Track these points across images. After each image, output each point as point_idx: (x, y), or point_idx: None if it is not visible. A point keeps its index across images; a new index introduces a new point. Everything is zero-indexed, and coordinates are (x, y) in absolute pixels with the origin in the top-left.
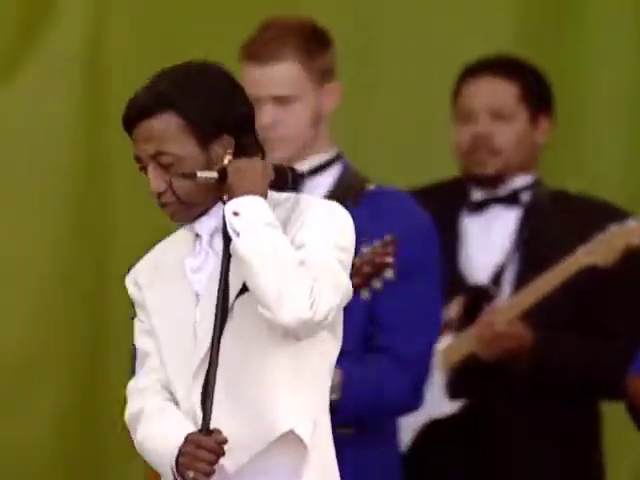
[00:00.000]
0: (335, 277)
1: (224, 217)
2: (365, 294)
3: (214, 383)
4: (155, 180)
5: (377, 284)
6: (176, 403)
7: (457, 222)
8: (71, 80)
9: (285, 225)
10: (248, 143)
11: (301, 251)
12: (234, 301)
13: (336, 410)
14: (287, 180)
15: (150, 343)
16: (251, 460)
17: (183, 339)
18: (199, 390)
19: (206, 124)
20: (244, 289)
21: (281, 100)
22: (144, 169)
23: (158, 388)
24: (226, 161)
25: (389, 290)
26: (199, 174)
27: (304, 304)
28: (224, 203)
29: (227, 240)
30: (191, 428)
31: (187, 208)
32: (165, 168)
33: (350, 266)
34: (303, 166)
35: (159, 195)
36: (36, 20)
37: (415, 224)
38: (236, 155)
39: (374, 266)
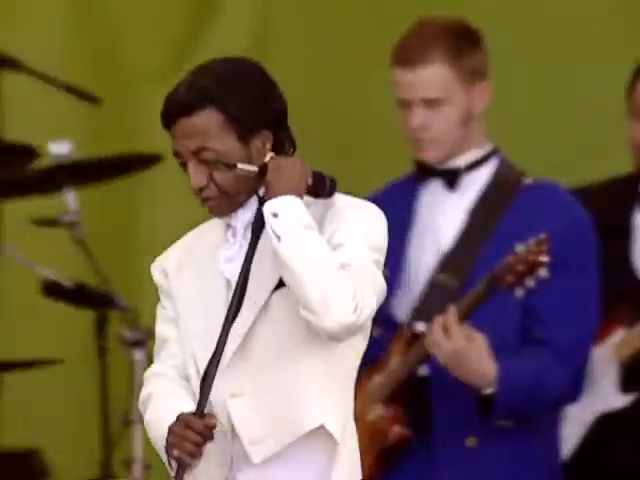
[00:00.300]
0: (373, 279)
1: (257, 211)
2: (519, 292)
3: (216, 369)
4: (197, 176)
5: (530, 282)
6: (192, 391)
7: (630, 218)
8: None
9: (320, 224)
10: (284, 138)
11: (338, 252)
12: (270, 295)
13: (492, 403)
14: (325, 188)
15: (171, 330)
16: (279, 452)
17: (213, 328)
18: (231, 382)
19: (246, 120)
20: (281, 284)
21: (431, 103)
22: (184, 165)
23: (172, 375)
24: (267, 157)
25: (545, 286)
26: (240, 166)
27: (349, 308)
28: (259, 197)
29: (255, 234)
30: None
31: (228, 201)
32: (206, 164)
33: (383, 265)
34: (459, 162)
35: (201, 190)
36: (204, 16)
37: (571, 220)
38: (273, 149)
39: (528, 265)
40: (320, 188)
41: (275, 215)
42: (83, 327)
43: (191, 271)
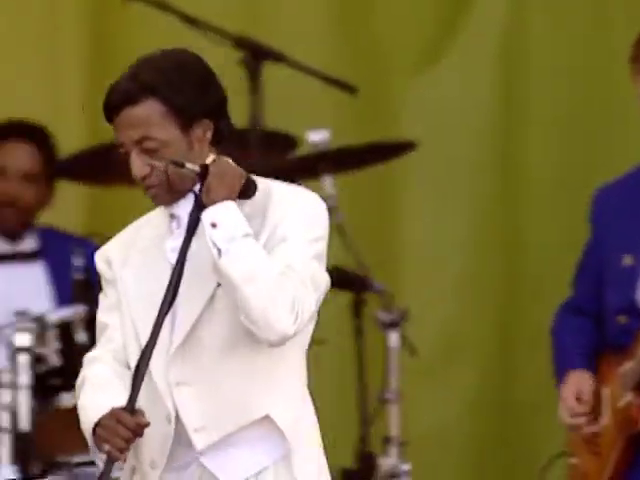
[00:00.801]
0: (315, 279)
1: (193, 208)
2: None
3: (147, 364)
4: (139, 165)
5: None
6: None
7: None
8: (490, 63)
9: (263, 215)
10: (224, 127)
11: (281, 251)
12: (216, 288)
13: None
14: (252, 189)
15: (111, 317)
16: (224, 440)
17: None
18: (177, 370)
19: (188, 109)
20: None
21: None
22: (127, 154)
23: (108, 359)
24: (209, 160)
25: None
26: (188, 165)
27: (288, 321)
28: (195, 195)
29: (189, 232)
30: (119, 403)
31: (170, 191)
32: (149, 152)
33: (325, 252)
34: None
35: (143, 178)
36: (457, 6)
37: None
38: (213, 138)
39: None
40: (248, 190)
41: (214, 225)
42: (340, 309)
43: (137, 261)
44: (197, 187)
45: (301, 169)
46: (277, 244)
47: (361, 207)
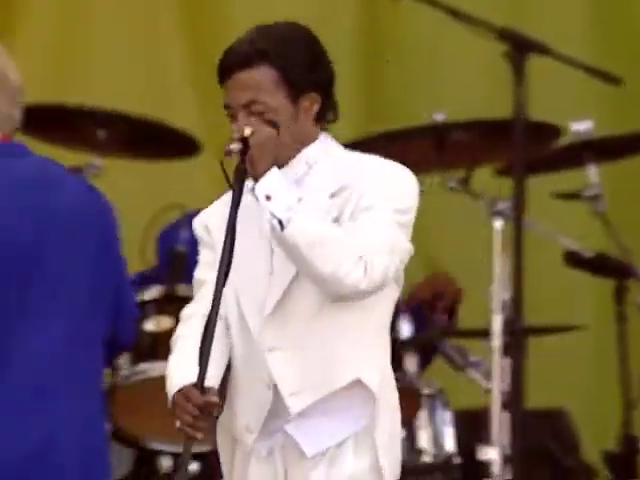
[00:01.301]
0: (394, 244)
1: (236, 180)
2: None
3: (211, 341)
4: (245, 125)
5: None
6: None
7: None
8: None
9: (350, 183)
10: (330, 105)
11: (364, 215)
12: None
13: None
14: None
15: (208, 274)
16: (314, 403)
17: (257, 281)
18: (270, 336)
19: (298, 80)
20: None
21: None
22: (233, 117)
23: (201, 316)
24: (248, 132)
25: None
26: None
27: (357, 274)
28: (237, 166)
29: (235, 200)
30: (192, 372)
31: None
32: (255, 116)
33: (411, 226)
34: None
35: (243, 140)
36: None
37: None
38: (318, 114)
39: None
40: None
41: (268, 197)
42: (602, 295)
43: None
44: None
45: (565, 158)
46: (361, 212)
47: (625, 195)
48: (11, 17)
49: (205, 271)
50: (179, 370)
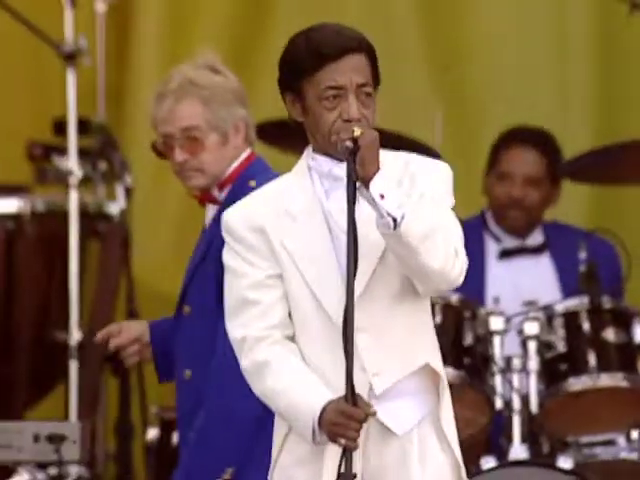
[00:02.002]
0: (458, 227)
1: (350, 181)
2: None
3: (352, 344)
4: (358, 106)
5: None
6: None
7: None
8: None
9: (403, 180)
10: None
11: (435, 208)
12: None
13: None
14: None
15: (263, 294)
16: (394, 385)
17: (329, 276)
18: (357, 314)
19: (377, 74)
20: None
21: None
22: (339, 97)
23: (278, 337)
24: (358, 132)
25: None
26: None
27: (459, 269)
28: (348, 168)
29: (350, 200)
30: (320, 393)
31: None
32: (364, 99)
33: None
34: None
35: (358, 120)
36: None
37: None
38: None
39: None
40: None
41: (382, 196)
42: None
43: (296, 226)
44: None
45: None
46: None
47: None
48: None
49: (256, 290)
50: (307, 390)
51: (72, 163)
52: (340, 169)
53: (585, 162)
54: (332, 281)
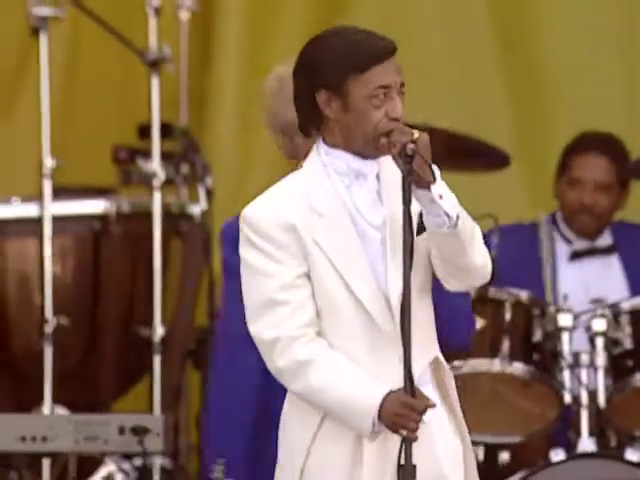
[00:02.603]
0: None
1: (406, 182)
2: None
3: (410, 339)
4: (400, 106)
5: None
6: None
7: None
8: None
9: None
10: None
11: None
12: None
13: None
14: None
15: (290, 294)
16: (419, 375)
17: (360, 268)
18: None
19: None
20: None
21: None
22: (386, 96)
23: (312, 335)
24: (417, 135)
25: None
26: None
27: (490, 267)
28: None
29: (407, 193)
30: (376, 384)
31: None
32: (402, 97)
33: None
34: None
35: (398, 119)
36: None
37: None
38: None
39: None
40: None
41: (441, 197)
42: None
43: (324, 223)
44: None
45: None
46: None
47: None
48: None
49: (283, 292)
50: (362, 383)
51: (156, 166)
52: (363, 165)
53: None
54: (363, 272)
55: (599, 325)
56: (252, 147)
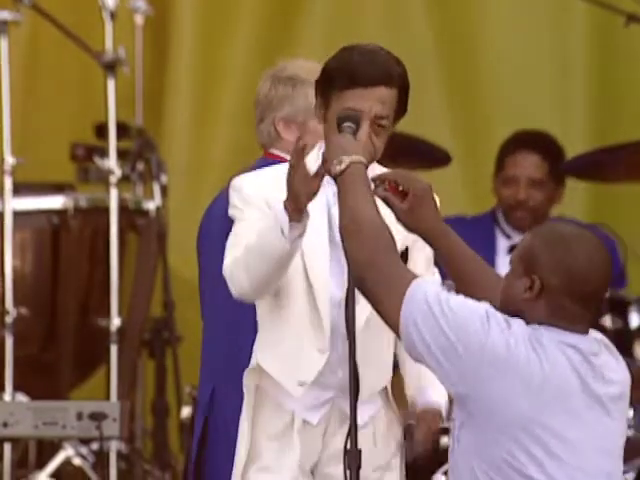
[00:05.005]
0: None
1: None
2: None
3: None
4: (369, 137)
5: None
6: None
7: None
8: None
9: None
10: None
11: None
12: None
13: None
14: None
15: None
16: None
17: (322, 259)
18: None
19: (405, 106)
20: None
21: None
22: (359, 119)
23: None
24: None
25: None
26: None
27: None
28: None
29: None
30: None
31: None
32: (377, 129)
33: None
34: None
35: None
36: None
37: None
38: None
39: None
40: None
41: None
42: None
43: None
44: None
45: None
46: None
47: None
48: None
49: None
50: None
51: (112, 163)
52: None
53: (583, 162)
54: (323, 264)
55: None
56: (206, 146)
